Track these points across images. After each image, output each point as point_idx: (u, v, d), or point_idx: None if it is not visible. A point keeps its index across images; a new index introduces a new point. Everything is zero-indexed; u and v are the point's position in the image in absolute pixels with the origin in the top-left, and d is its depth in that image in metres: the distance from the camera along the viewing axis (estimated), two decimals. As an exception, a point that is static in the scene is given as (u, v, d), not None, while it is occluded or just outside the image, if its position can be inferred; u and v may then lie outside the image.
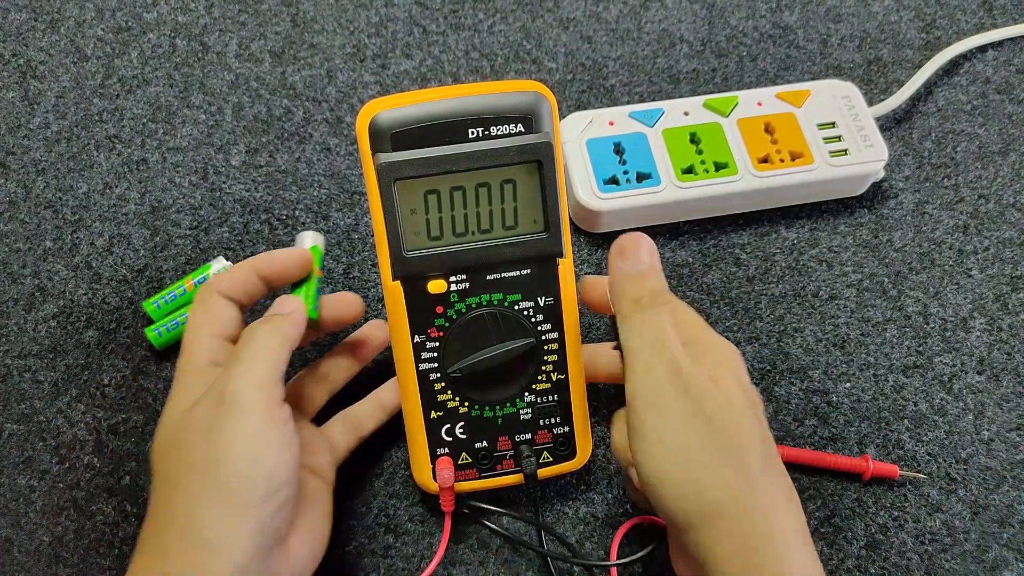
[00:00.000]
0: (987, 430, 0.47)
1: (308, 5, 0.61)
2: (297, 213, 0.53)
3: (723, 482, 0.32)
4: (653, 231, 0.53)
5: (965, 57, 0.60)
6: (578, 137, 0.52)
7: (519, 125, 0.38)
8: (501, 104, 0.38)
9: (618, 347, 0.38)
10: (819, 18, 0.62)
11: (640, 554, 0.41)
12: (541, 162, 0.39)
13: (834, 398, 0.48)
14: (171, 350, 0.49)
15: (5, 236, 0.52)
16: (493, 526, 0.43)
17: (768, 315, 0.51)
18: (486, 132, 0.38)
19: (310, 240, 0.42)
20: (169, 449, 0.35)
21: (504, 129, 0.38)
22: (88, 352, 0.49)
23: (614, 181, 0.51)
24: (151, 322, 0.49)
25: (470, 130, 0.38)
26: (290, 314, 0.38)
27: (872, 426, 0.47)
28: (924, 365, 0.49)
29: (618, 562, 0.42)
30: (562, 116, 0.54)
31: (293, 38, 0.60)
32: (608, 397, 0.48)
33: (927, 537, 0.44)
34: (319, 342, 0.48)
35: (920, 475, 0.46)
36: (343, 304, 0.42)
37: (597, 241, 0.53)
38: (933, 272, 0.52)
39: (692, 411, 0.33)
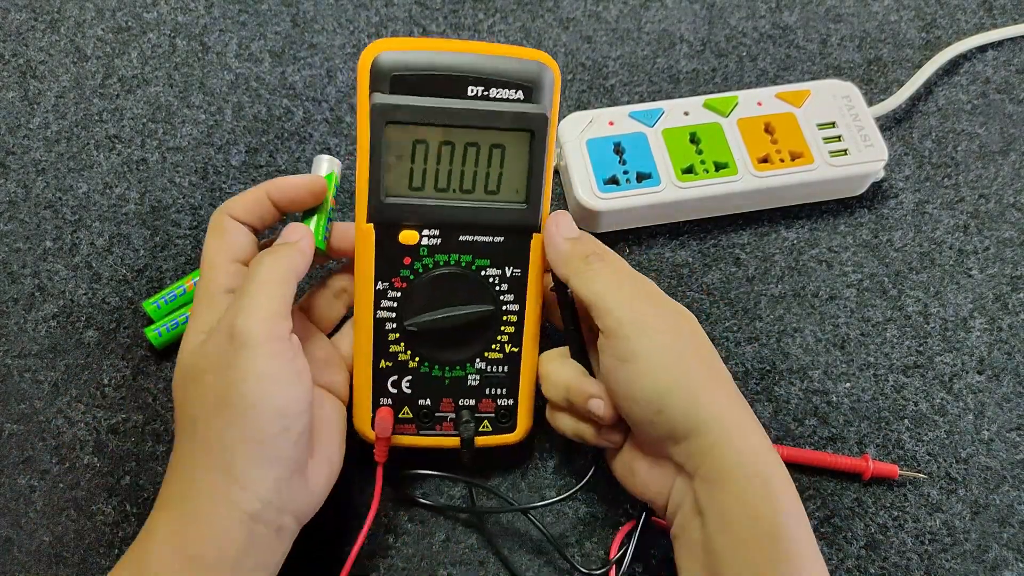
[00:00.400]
0: (987, 430, 0.47)
1: (308, 5, 0.61)
2: (297, 213, 0.53)
3: (717, 394, 0.36)
4: (653, 231, 0.53)
5: (965, 57, 0.60)
6: (578, 137, 0.52)
7: (519, 92, 0.38)
8: (505, 68, 0.38)
9: (556, 290, 0.40)
10: (819, 18, 0.62)
11: (580, 485, 0.42)
12: (534, 132, 0.39)
13: (834, 398, 0.48)
14: (171, 350, 0.49)
15: (5, 236, 0.52)
16: (427, 501, 0.44)
17: (768, 315, 0.51)
18: (485, 93, 0.38)
19: (326, 166, 0.42)
20: (187, 385, 0.35)
21: (503, 93, 0.38)
22: (88, 352, 0.49)
23: (614, 181, 0.51)
24: (151, 322, 0.49)
25: (470, 87, 0.38)
26: (297, 242, 0.38)
27: (872, 426, 0.47)
28: (924, 365, 0.49)
29: (548, 501, 0.42)
30: (562, 116, 0.54)
31: (293, 38, 0.60)
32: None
33: (927, 537, 0.44)
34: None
35: (920, 475, 0.46)
36: (353, 233, 0.42)
37: (597, 241, 0.53)
38: (933, 272, 0.52)
39: (673, 331, 0.37)
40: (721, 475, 0.34)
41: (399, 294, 0.40)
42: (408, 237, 0.40)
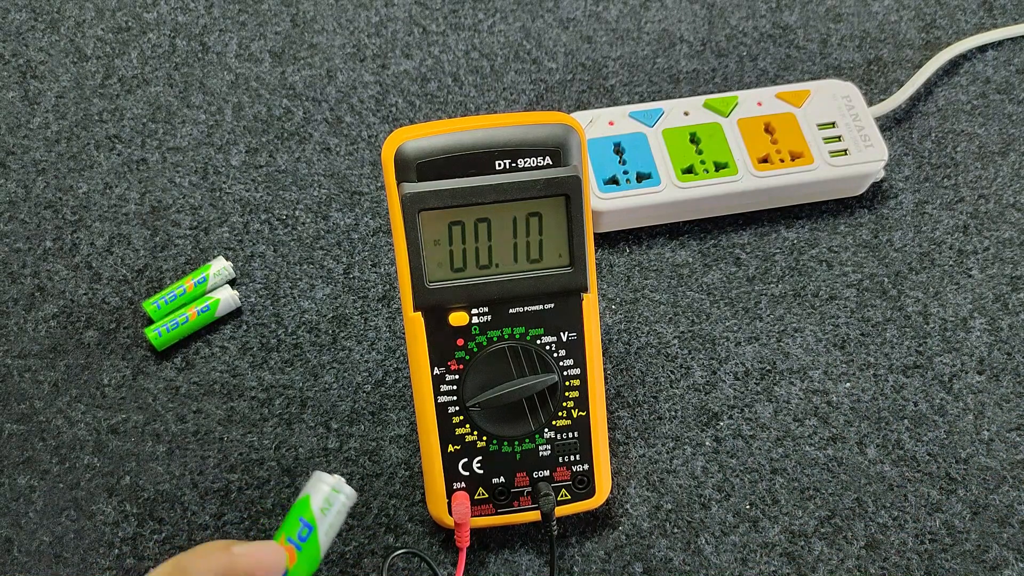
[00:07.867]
0: (987, 430, 0.47)
1: (308, 5, 0.61)
2: (297, 213, 0.53)
3: None
4: (653, 231, 0.53)
5: (965, 57, 0.60)
6: (578, 137, 0.52)
7: (547, 158, 0.38)
8: (530, 136, 0.38)
9: None
10: (819, 18, 0.62)
11: None
12: (569, 196, 0.38)
13: (834, 398, 0.48)
14: (171, 350, 0.49)
15: (5, 236, 0.52)
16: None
17: (768, 315, 0.51)
18: (513, 164, 0.38)
19: (324, 493, 0.35)
20: None
21: (532, 162, 0.38)
22: (88, 352, 0.49)
23: (614, 181, 0.51)
24: (151, 322, 0.49)
25: (497, 162, 0.37)
26: None
27: (872, 426, 0.47)
28: (924, 365, 0.49)
29: None
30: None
31: (293, 38, 0.60)
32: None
33: (927, 537, 0.44)
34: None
35: None
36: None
37: (597, 241, 0.53)
38: (933, 272, 0.52)
39: None
40: None
41: (456, 376, 0.40)
42: (458, 319, 0.39)
